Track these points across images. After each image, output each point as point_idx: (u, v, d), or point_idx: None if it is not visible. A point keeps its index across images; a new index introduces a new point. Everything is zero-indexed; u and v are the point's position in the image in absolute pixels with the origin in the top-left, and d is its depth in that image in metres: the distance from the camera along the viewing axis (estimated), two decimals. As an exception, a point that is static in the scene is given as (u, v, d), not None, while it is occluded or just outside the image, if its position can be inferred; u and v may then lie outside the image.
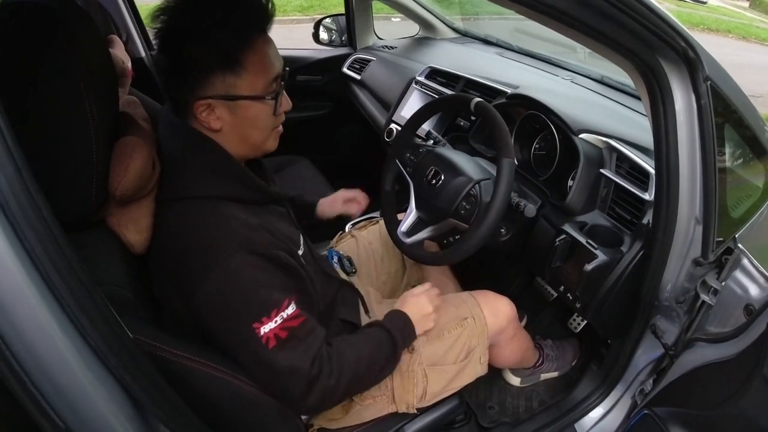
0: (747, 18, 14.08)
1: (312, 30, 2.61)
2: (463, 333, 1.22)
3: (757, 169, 1.34)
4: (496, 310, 1.29)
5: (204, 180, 0.91)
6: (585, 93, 1.78)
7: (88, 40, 0.82)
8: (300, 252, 1.02)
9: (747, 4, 16.47)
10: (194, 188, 0.91)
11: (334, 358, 0.95)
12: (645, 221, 1.18)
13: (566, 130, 1.33)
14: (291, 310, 0.89)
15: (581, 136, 1.33)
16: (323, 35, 2.61)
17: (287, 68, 0.98)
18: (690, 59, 0.95)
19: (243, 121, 0.93)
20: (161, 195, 0.93)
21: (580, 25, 0.83)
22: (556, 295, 1.87)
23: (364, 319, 1.25)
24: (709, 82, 1.00)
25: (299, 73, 2.47)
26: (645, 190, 1.21)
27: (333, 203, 1.46)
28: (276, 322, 0.86)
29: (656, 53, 0.93)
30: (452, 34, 2.56)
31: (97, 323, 0.59)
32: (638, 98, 1.77)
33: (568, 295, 1.31)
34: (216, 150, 0.93)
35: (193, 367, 0.84)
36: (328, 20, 2.58)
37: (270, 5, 0.91)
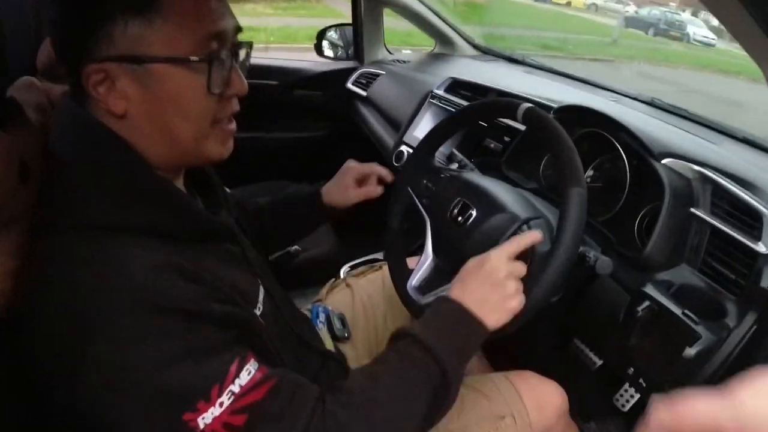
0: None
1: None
2: (499, 439, 0.85)
3: None
4: (542, 402, 0.95)
5: (99, 199, 0.58)
6: (642, 115, 1.45)
7: None
8: (257, 312, 0.68)
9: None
10: (82, 212, 0.57)
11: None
12: (763, 284, 0.83)
13: (644, 154, 0.98)
14: (247, 376, 0.55)
15: (664, 161, 0.98)
16: (327, 48, 2.30)
17: (250, 42, 0.66)
18: None
19: (159, 101, 0.60)
20: (37, 224, 0.59)
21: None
22: (600, 363, 1.52)
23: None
24: None
25: (296, 88, 2.16)
26: (757, 238, 0.86)
27: (343, 188, 1.11)
28: (221, 404, 0.53)
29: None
30: (473, 51, 2.26)
31: None
32: (699, 123, 1.48)
33: (642, 381, 0.96)
34: (119, 148, 0.60)
35: None
36: (332, 30, 2.27)
37: None
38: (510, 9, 14.44)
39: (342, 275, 1.42)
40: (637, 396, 1.38)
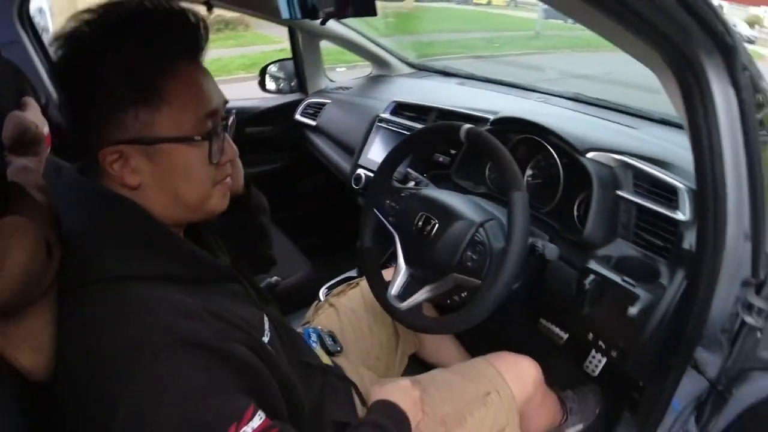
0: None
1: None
2: (488, 413, 0.98)
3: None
4: (520, 376, 1.07)
5: (118, 254, 0.66)
6: (566, 112, 1.62)
7: None
8: (265, 339, 0.77)
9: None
10: (104, 267, 0.65)
11: None
12: (685, 246, 0.99)
13: (571, 152, 1.14)
14: (258, 420, 0.62)
15: (588, 155, 1.14)
16: (270, 84, 2.40)
17: (232, 110, 0.76)
18: (727, 45, 0.78)
19: (169, 173, 0.69)
20: (63, 285, 0.67)
21: (610, 3, 0.64)
22: (566, 337, 1.67)
23: (362, 413, 0.99)
24: (747, 72, 0.83)
25: (248, 125, 2.25)
26: (676, 208, 1.02)
27: None
28: None
29: (693, 40, 0.75)
30: (408, 69, 2.41)
31: None
32: (619, 111, 1.67)
33: (601, 343, 1.11)
34: (135, 211, 0.68)
35: None
36: (273, 67, 2.38)
37: (201, 27, 0.70)
38: (436, 15, 14.77)
39: (322, 297, 1.51)
40: (604, 360, 1.54)
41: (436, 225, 1.03)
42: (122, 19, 0.65)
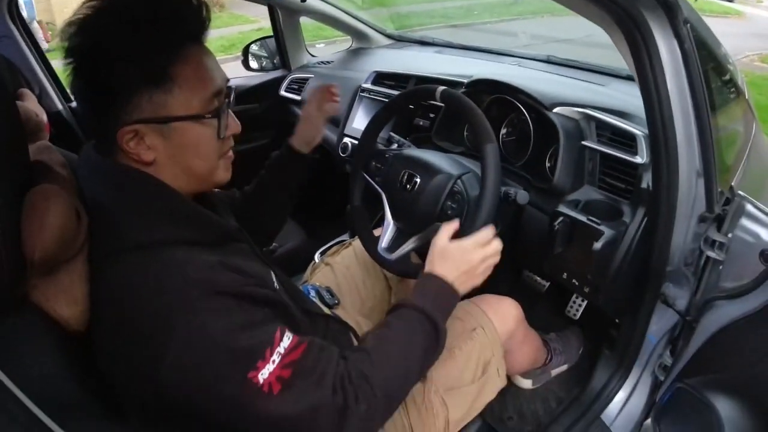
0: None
1: (240, 63, 2.44)
2: (475, 346, 1.09)
3: (736, 112, 1.29)
4: (502, 314, 1.18)
5: (143, 224, 0.75)
6: (537, 73, 1.71)
7: None
8: (276, 289, 0.87)
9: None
10: (132, 236, 0.74)
11: (356, 379, 0.77)
12: (644, 186, 1.10)
13: (539, 108, 1.24)
14: (287, 340, 0.73)
15: (555, 110, 1.23)
16: (253, 62, 2.45)
17: (231, 85, 0.83)
18: (668, 1, 0.87)
19: (181, 149, 0.77)
20: (93, 252, 0.76)
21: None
22: (547, 285, 1.79)
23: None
24: (688, 24, 0.92)
25: (234, 104, 2.30)
26: (635, 153, 1.13)
27: (309, 123, 1.22)
28: (274, 362, 0.70)
29: (637, 1, 0.85)
30: (386, 41, 2.47)
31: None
32: (589, 70, 1.76)
33: (574, 281, 1.21)
34: (153, 185, 0.77)
35: None
36: (255, 45, 2.42)
37: (204, 10, 0.77)
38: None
39: (317, 259, 1.60)
40: (584, 304, 1.66)
41: (418, 180, 1.12)
42: (131, 6, 0.72)
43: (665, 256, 1.10)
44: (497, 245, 0.96)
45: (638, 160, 1.11)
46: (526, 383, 1.53)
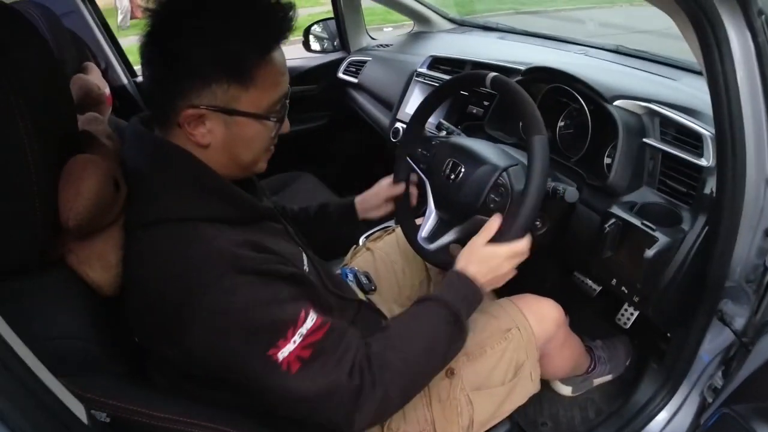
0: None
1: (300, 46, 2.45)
2: (508, 347, 1.04)
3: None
4: (541, 316, 1.12)
5: (180, 199, 0.77)
6: (605, 63, 1.61)
7: (22, 50, 0.69)
8: (306, 270, 0.88)
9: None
10: (169, 210, 0.76)
11: (375, 363, 0.79)
12: (707, 191, 1.01)
13: (598, 100, 1.16)
14: (311, 321, 0.75)
15: (616, 103, 1.15)
16: (314, 44, 2.47)
17: (290, 86, 0.85)
18: (742, -9, 0.79)
19: (236, 140, 0.80)
20: (129, 221, 0.79)
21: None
22: (599, 290, 1.70)
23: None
24: (763, 16, 0.83)
25: (292, 84, 2.32)
26: (700, 155, 1.04)
27: (377, 202, 1.27)
28: (295, 342, 0.73)
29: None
30: (449, 26, 2.41)
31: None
32: (661, 63, 1.64)
33: (623, 288, 1.14)
34: (193, 163, 0.79)
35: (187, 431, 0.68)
36: (317, 26, 2.44)
37: (292, 12, 0.79)
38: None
39: (361, 242, 1.60)
40: (636, 313, 1.57)
41: (463, 170, 1.08)
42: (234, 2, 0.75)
43: (725, 270, 1.01)
44: (526, 248, 0.95)
45: (703, 162, 1.02)
46: (566, 390, 1.47)
